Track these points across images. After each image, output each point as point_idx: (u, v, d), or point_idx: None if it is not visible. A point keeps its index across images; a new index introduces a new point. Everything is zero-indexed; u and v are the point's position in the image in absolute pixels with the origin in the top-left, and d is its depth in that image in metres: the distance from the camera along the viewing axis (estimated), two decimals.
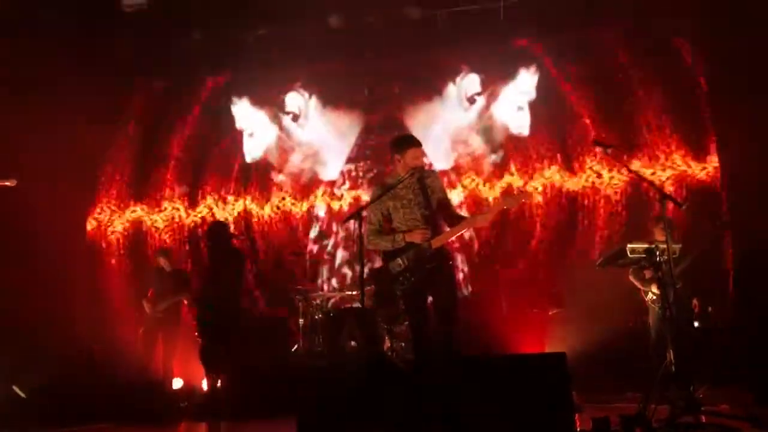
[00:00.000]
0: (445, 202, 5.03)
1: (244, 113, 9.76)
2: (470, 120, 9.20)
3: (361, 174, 9.43)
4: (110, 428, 6.39)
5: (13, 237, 7.75)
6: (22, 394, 6.95)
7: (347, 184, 9.45)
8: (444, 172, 8.95)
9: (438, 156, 9.10)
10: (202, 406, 6.71)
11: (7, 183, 5.07)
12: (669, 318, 4.37)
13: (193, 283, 8.06)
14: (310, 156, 9.58)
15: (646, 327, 6.59)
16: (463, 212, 7.91)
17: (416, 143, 5.03)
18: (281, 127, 9.66)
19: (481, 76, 9.21)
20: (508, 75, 9.08)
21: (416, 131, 8.33)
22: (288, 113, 9.64)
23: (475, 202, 9.04)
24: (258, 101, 9.73)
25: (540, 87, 9.00)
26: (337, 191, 9.46)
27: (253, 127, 9.74)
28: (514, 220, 8.86)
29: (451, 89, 9.27)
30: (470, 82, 9.24)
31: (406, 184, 4.94)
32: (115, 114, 9.90)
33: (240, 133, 9.77)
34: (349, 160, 9.51)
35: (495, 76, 9.17)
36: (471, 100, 9.22)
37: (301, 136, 9.64)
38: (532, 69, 8.99)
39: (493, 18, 8.69)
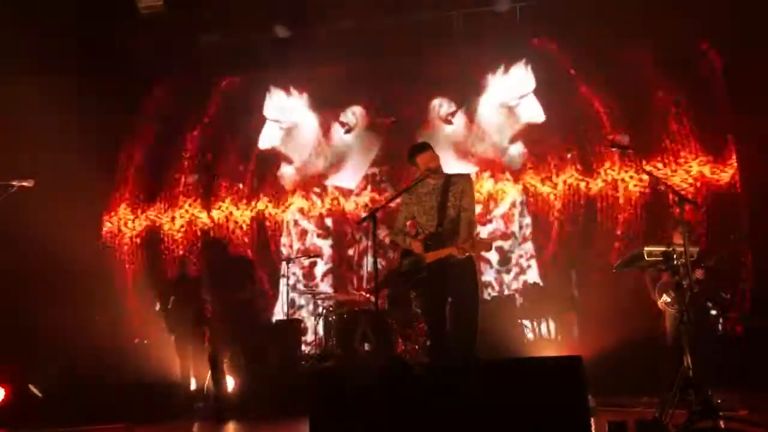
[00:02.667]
0: (463, 212, 4.95)
1: (287, 106, 9.80)
2: (458, 132, 9.28)
3: (384, 178, 9.42)
4: (125, 427, 6.40)
5: (32, 236, 7.80)
6: (39, 393, 6.99)
7: (368, 188, 9.43)
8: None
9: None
10: (215, 407, 6.73)
11: (25, 183, 5.09)
12: (686, 322, 4.31)
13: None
14: (335, 163, 9.62)
15: (663, 330, 6.52)
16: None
17: (423, 148, 5.11)
18: (326, 133, 9.68)
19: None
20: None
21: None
22: (344, 124, 9.68)
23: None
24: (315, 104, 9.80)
25: (556, 89, 8.99)
26: (356, 199, 9.43)
27: (291, 121, 9.78)
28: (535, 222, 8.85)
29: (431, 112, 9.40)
30: (439, 105, 9.40)
31: (430, 190, 5.02)
32: (131, 114, 9.97)
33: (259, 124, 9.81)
34: (374, 164, 9.51)
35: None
36: (447, 121, 9.32)
37: (337, 141, 9.69)
38: (521, 64, 9.11)
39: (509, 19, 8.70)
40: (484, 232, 8.95)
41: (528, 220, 8.97)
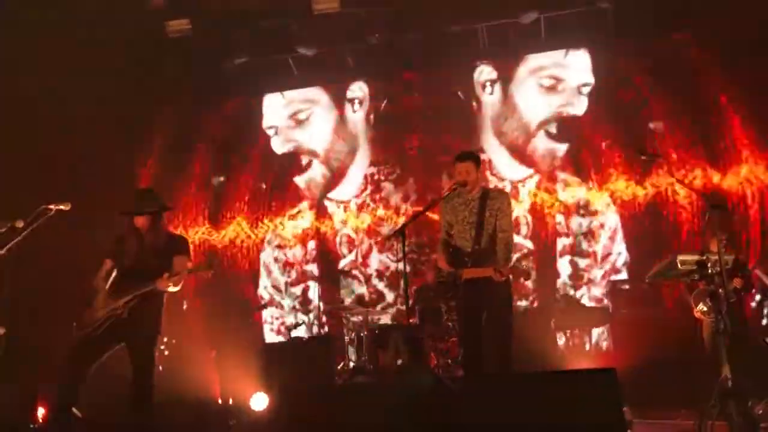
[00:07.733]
0: (501, 233, 4.89)
1: (300, 98, 9.84)
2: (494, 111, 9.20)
3: (383, 177, 9.36)
4: None
5: (73, 257, 7.94)
6: (78, 413, 7.07)
7: (369, 189, 9.38)
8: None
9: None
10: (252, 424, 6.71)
11: (62, 206, 5.15)
12: (723, 331, 4.21)
13: None
14: (347, 152, 9.58)
15: (701, 340, 6.40)
16: None
17: (460, 158, 5.04)
18: (341, 112, 9.66)
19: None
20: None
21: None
22: (351, 100, 9.65)
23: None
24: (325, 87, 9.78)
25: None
26: (356, 200, 9.40)
27: (306, 112, 9.77)
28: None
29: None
30: (482, 72, 9.34)
31: (465, 201, 4.98)
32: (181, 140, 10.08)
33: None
34: (372, 164, 9.47)
35: None
36: (485, 86, 9.27)
37: (352, 128, 9.63)
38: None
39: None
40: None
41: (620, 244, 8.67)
